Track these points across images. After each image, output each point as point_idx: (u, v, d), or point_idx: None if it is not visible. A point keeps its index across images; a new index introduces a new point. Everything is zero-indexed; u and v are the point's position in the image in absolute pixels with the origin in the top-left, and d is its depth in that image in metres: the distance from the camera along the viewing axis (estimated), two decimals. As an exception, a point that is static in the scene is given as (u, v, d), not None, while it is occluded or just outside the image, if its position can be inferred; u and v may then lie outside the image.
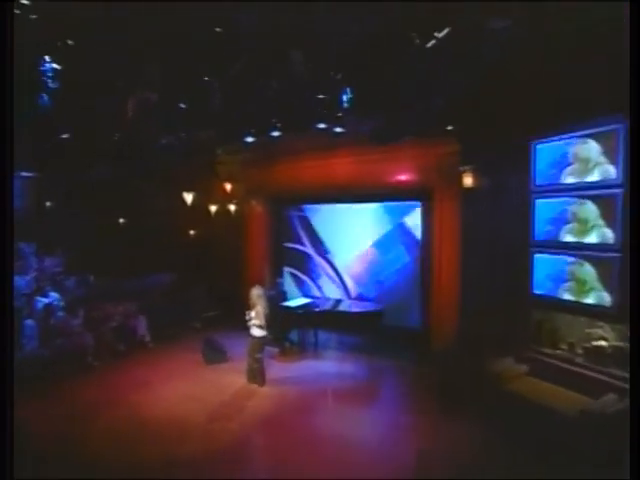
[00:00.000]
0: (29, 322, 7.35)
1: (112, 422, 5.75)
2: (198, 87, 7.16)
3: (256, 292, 6.92)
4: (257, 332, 6.89)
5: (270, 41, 5.59)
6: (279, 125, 8.78)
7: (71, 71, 6.22)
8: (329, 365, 7.97)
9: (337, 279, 10.13)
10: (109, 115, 7.95)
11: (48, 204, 9.69)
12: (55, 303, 7.89)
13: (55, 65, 6.17)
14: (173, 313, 9.53)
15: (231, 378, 7.21)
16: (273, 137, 9.02)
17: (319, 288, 10.40)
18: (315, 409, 6.32)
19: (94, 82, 6.55)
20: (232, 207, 10.46)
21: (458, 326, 7.69)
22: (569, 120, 5.69)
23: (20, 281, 8.46)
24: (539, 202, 6.23)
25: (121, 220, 10.45)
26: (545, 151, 6.07)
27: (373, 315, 8.33)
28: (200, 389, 6.89)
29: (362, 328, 8.38)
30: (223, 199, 10.44)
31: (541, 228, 6.21)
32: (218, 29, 5.19)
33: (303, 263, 10.62)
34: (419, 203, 8.92)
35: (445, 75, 6.03)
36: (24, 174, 9.85)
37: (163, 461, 4.81)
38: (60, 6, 4.74)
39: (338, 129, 8.19)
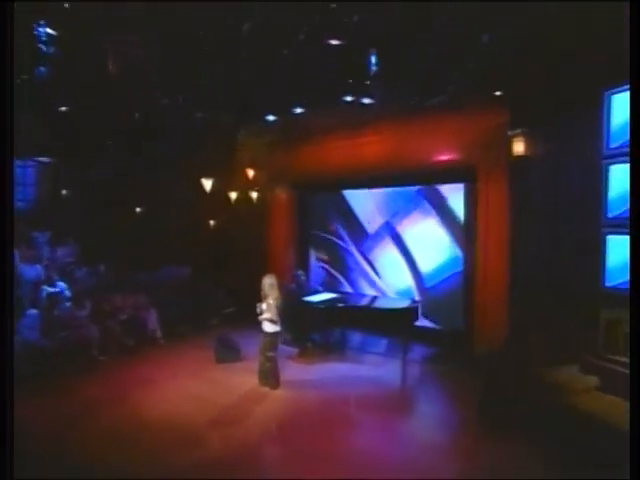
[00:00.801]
0: (32, 312, 7.11)
1: (112, 421, 5.37)
2: (213, 63, 6.77)
3: (268, 281, 6.29)
4: (269, 327, 6.25)
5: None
6: (302, 101, 8.21)
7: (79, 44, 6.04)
8: (356, 368, 7.18)
9: (369, 272, 9.31)
10: (124, 98, 7.73)
11: (64, 192, 9.57)
12: (61, 293, 7.64)
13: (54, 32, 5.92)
14: (188, 308, 9.10)
15: (242, 378, 6.62)
16: (296, 114, 8.46)
17: (351, 283, 9.62)
18: (335, 418, 5.54)
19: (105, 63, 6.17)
20: (254, 194, 9.95)
21: (508, 326, 6.74)
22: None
23: (31, 271, 8.32)
24: (614, 169, 5.16)
25: (137, 209, 10.17)
26: (623, 102, 4.95)
27: (409, 312, 7.47)
28: (206, 389, 6.36)
29: (396, 327, 7.53)
30: (244, 186, 9.96)
31: (617, 203, 5.13)
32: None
33: (332, 255, 9.88)
34: (462, 185, 7.97)
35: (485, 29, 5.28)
36: (41, 159, 9.83)
37: (161, 464, 4.45)
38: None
39: (366, 100, 7.46)
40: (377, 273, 9.22)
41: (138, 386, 6.40)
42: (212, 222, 10.50)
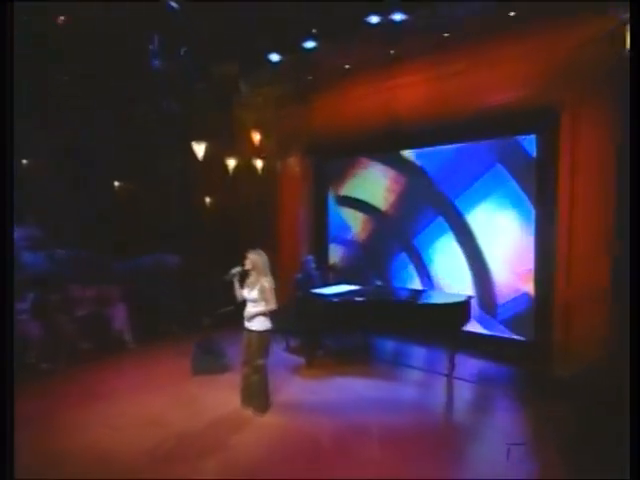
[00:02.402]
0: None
1: (30, 450, 4.01)
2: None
3: (255, 258, 4.77)
4: (259, 324, 4.72)
5: None
6: (313, 30, 6.78)
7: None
8: (382, 387, 5.53)
9: (411, 260, 7.57)
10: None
11: (24, 162, 8.43)
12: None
13: None
14: (175, 304, 7.86)
15: (221, 396, 5.16)
16: (307, 50, 6.98)
17: (381, 272, 7.92)
18: (348, 462, 3.89)
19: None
20: (259, 164, 8.51)
21: (605, 337, 4.99)
22: None
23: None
24: None
25: (116, 183, 8.93)
26: None
27: (457, 311, 5.77)
28: (171, 409, 4.91)
29: (439, 331, 5.86)
30: (247, 154, 8.53)
31: None
32: None
33: (359, 237, 8.24)
34: (534, 136, 6.18)
35: None
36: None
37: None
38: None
39: (398, 15, 5.89)
40: (422, 262, 7.43)
41: (75, 405, 5.00)
42: (208, 199, 9.09)
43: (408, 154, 7.42)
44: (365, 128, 7.30)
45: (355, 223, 8.21)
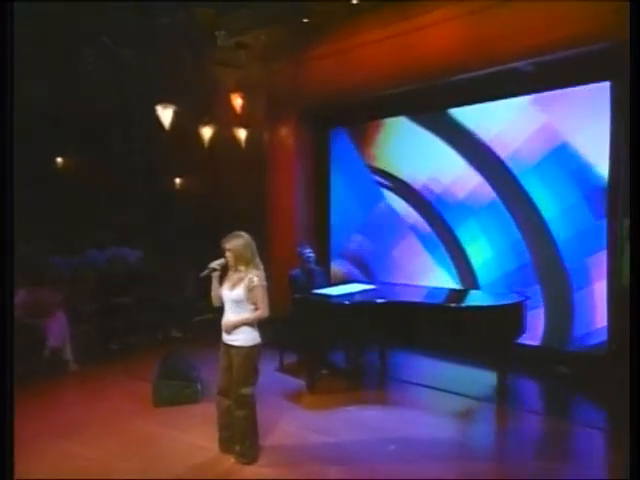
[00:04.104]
0: None
1: None
2: None
3: (238, 244, 3.62)
4: (242, 336, 3.58)
5: None
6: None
7: None
8: (411, 420, 4.42)
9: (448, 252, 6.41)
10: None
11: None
12: None
13: None
14: (133, 312, 6.80)
15: (193, 437, 4.03)
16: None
17: (402, 269, 6.76)
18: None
19: None
20: (243, 134, 7.41)
21: None
22: None
23: None
24: None
25: (58, 160, 7.76)
26: None
27: (509, 316, 4.68)
28: (122, 459, 3.74)
29: (486, 343, 4.79)
30: (227, 122, 7.45)
31: None
32: None
33: (376, 226, 7.06)
34: (608, 83, 5.07)
35: None
36: None
37: None
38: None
39: None
40: (458, 248, 6.27)
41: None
42: (178, 180, 7.98)
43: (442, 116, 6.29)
44: (380, 85, 6.19)
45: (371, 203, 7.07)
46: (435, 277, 6.38)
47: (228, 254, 3.59)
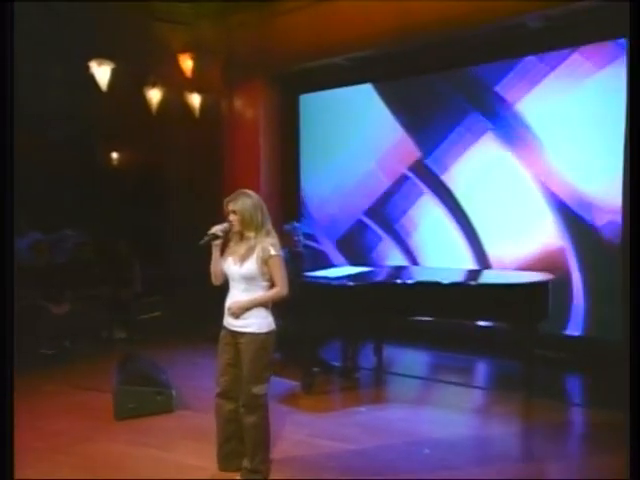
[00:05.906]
0: None
1: None
2: None
3: (246, 203, 2.95)
4: (254, 321, 2.93)
5: None
6: None
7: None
8: (431, 416, 4.08)
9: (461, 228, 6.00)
10: None
11: None
12: None
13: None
14: (75, 311, 5.94)
15: (176, 458, 3.30)
16: None
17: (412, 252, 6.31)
18: None
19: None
20: (197, 102, 6.69)
21: None
22: None
23: None
24: None
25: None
26: None
27: (532, 298, 4.36)
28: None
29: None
30: (178, 85, 6.69)
31: None
32: None
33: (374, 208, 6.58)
34: (623, 42, 4.90)
35: None
36: None
37: None
38: None
39: None
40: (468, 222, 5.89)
41: None
42: (115, 155, 7.11)
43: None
44: (362, 41, 5.72)
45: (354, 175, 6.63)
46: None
47: (233, 217, 2.92)
